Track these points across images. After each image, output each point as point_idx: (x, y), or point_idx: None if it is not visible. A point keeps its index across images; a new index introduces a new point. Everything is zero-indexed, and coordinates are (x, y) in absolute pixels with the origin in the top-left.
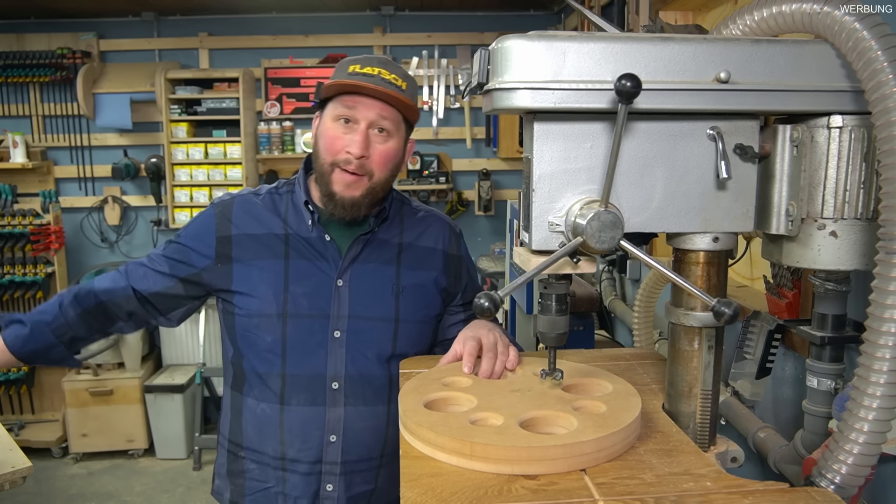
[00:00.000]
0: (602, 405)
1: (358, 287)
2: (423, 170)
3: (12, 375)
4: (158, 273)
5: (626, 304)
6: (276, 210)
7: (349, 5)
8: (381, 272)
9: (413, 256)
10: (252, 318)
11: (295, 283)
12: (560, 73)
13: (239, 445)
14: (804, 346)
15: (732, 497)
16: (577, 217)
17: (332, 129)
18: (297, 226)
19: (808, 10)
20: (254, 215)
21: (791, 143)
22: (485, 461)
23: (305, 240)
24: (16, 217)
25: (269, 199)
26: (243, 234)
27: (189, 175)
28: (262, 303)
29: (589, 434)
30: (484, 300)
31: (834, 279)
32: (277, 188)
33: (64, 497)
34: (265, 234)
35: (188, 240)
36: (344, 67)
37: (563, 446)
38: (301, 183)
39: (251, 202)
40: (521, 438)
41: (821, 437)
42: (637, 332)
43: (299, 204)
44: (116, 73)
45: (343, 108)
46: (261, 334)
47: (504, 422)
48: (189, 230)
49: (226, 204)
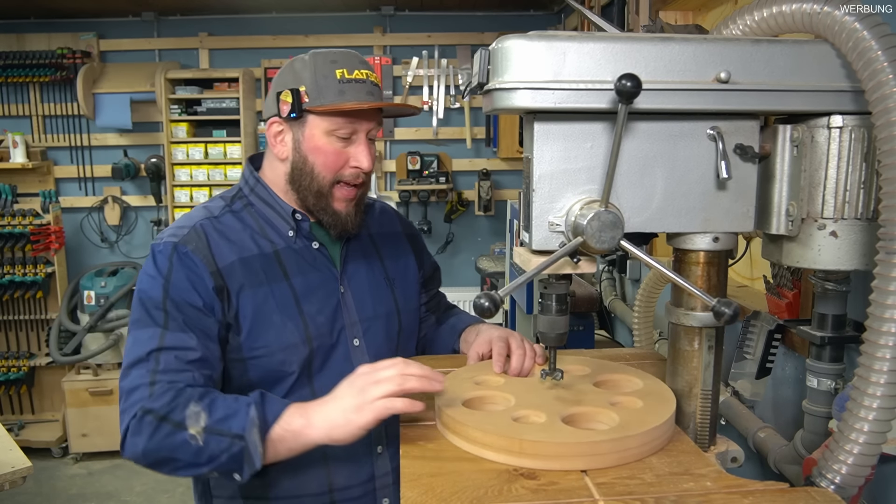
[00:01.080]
0: (638, 400)
1: (357, 289)
2: (423, 170)
3: (12, 375)
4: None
5: (626, 304)
6: (248, 228)
7: (349, 5)
8: (370, 268)
9: (386, 245)
10: (275, 355)
11: (306, 302)
12: (560, 73)
13: (262, 498)
14: (804, 346)
15: (732, 497)
16: (578, 217)
17: (328, 144)
18: (279, 240)
19: (808, 10)
20: (232, 239)
21: (791, 143)
22: (534, 458)
23: (295, 253)
24: (16, 217)
25: (233, 219)
26: (231, 262)
27: (189, 175)
28: (281, 333)
29: (634, 428)
30: (484, 300)
31: (834, 279)
32: (230, 205)
33: (64, 497)
34: (254, 255)
35: (186, 295)
36: (329, 71)
37: (612, 441)
38: (269, 193)
39: (221, 225)
40: (568, 434)
41: (821, 437)
42: (637, 332)
43: (271, 217)
44: (116, 73)
45: (346, 125)
46: (286, 368)
47: (547, 419)
48: (178, 285)
49: (193, 237)
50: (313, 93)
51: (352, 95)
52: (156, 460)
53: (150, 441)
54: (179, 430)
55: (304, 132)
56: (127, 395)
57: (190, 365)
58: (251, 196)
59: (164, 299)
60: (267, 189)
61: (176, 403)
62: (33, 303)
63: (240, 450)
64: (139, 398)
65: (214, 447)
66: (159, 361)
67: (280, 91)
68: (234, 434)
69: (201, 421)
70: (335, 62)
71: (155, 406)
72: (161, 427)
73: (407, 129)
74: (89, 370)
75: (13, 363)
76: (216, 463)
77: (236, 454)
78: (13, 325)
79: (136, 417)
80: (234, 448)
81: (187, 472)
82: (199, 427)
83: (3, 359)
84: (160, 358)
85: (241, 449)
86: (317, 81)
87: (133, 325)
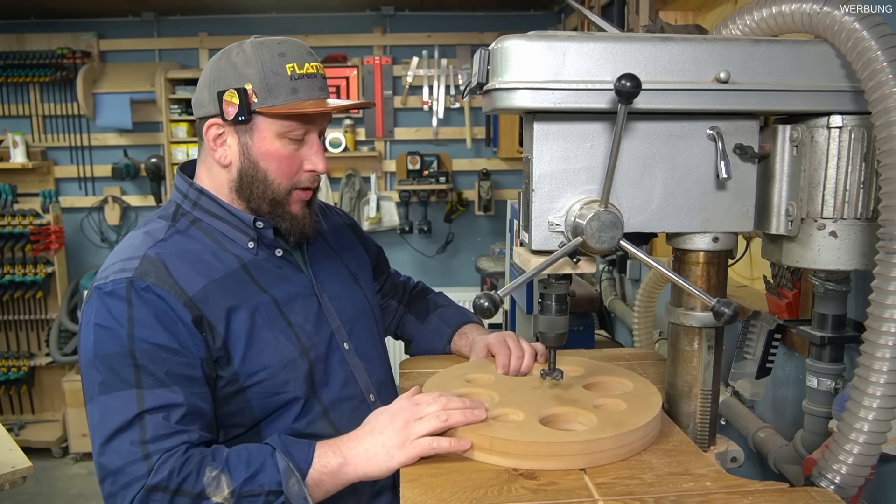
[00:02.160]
0: (623, 403)
1: (331, 291)
2: (423, 170)
3: (12, 375)
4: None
5: (626, 304)
6: (204, 247)
7: (349, 5)
8: (335, 268)
9: (339, 241)
10: (277, 376)
11: (290, 312)
12: (560, 73)
13: None
14: (804, 346)
15: (732, 497)
16: (577, 217)
17: (281, 147)
18: (242, 252)
19: (808, 10)
20: (194, 260)
21: (791, 143)
22: (504, 456)
23: (261, 264)
24: (16, 217)
25: (183, 240)
26: (203, 286)
27: None
28: (277, 349)
29: (608, 431)
30: (484, 300)
31: (834, 279)
32: (173, 224)
33: (64, 497)
34: (225, 275)
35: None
36: (278, 67)
37: (582, 443)
38: (218, 204)
39: (174, 249)
40: (540, 434)
41: (821, 437)
42: (637, 332)
43: (225, 230)
44: (116, 73)
45: (299, 126)
46: (290, 388)
47: (525, 418)
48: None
49: (149, 268)
50: (262, 92)
51: (305, 94)
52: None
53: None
54: (200, 500)
55: (252, 136)
56: (115, 477)
57: (180, 424)
58: (195, 211)
59: (130, 352)
60: (214, 199)
61: (186, 472)
62: (33, 303)
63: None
64: (134, 477)
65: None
66: (145, 429)
67: (222, 90)
68: (269, 491)
69: (224, 486)
70: (283, 55)
71: (160, 481)
72: (176, 502)
73: (407, 129)
74: None
75: (13, 363)
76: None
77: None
78: (13, 325)
79: (136, 501)
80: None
81: None
82: (224, 493)
83: (3, 359)
84: (145, 424)
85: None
86: (265, 79)
87: (93, 388)
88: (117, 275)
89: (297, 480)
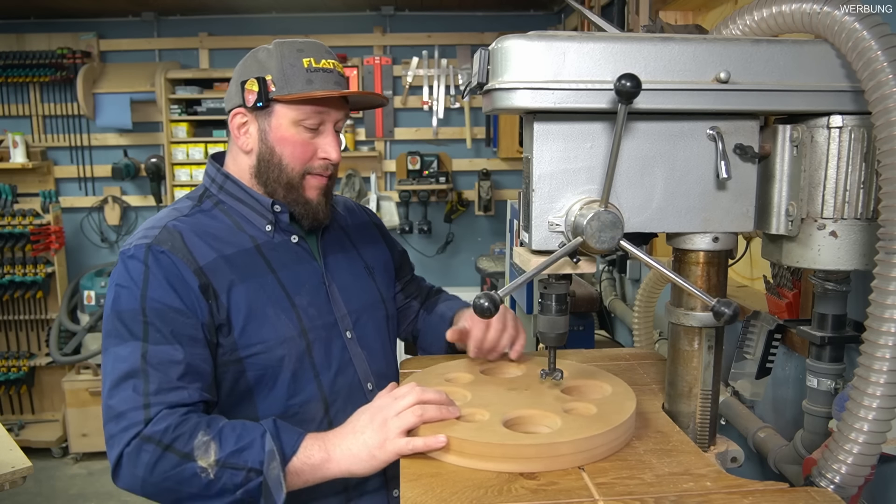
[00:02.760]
0: (594, 408)
1: (341, 281)
2: (423, 170)
3: (12, 375)
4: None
5: (626, 304)
6: (223, 226)
7: (349, 5)
8: (350, 259)
9: (360, 235)
10: (274, 350)
11: (296, 295)
12: (560, 73)
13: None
14: (804, 346)
15: (732, 497)
16: (577, 217)
17: (296, 134)
18: (258, 234)
19: (808, 10)
20: (208, 237)
21: (791, 143)
22: (460, 455)
23: (276, 247)
24: (16, 217)
25: (205, 218)
26: (213, 259)
27: (189, 175)
28: (277, 326)
29: (566, 436)
30: (484, 300)
31: (834, 279)
32: (198, 204)
33: (64, 497)
34: (236, 252)
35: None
36: (296, 60)
37: (537, 446)
38: (241, 188)
39: (192, 224)
40: (497, 436)
41: (821, 437)
42: (637, 332)
43: (245, 213)
44: (116, 73)
45: (314, 115)
46: (285, 365)
47: (489, 418)
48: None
49: (167, 237)
50: (280, 81)
51: (320, 85)
52: (158, 492)
53: (152, 472)
54: (187, 461)
55: (270, 122)
56: (117, 419)
57: (181, 381)
58: (220, 194)
59: (141, 309)
60: (238, 184)
61: (180, 432)
62: (33, 303)
63: (257, 485)
64: (133, 422)
65: (228, 481)
66: (149, 380)
67: (244, 80)
68: (251, 468)
69: (212, 453)
70: (302, 51)
71: (154, 433)
72: (164, 457)
73: (407, 129)
74: (89, 370)
75: (13, 363)
76: (229, 498)
77: (252, 489)
78: (13, 325)
79: (131, 445)
80: (251, 483)
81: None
82: (209, 460)
83: (3, 359)
84: (149, 376)
85: (259, 485)
86: (283, 70)
87: (109, 340)
88: (139, 241)
89: (277, 465)
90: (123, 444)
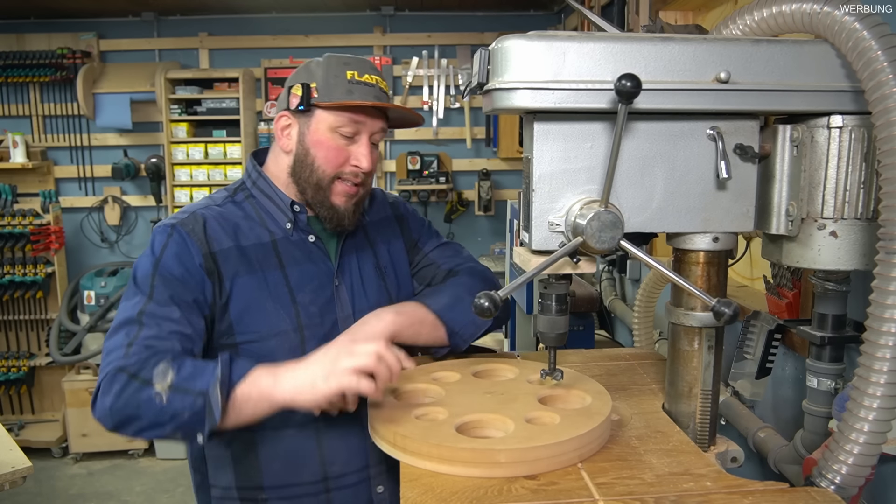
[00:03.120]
0: (558, 417)
1: (351, 282)
2: (423, 170)
3: (12, 375)
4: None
5: (626, 304)
6: (248, 218)
7: (349, 5)
8: (363, 260)
9: (378, 233)
10: (266, 341)
11: (300, 292)
12: (560, 73)
13: (258, 489)
14: (804, 346)
15: (732, 497)
16: (577, 217)
17: (331, 139)
18: (277, 230)
19: (808, 10)
20: (231, 226)
21: (791, 143)
22: (403, 451)
23: (292, 244)
24: (16, 217)
25: (234, 208)
26: (228, 248)
27: (189, 175)
28: (273, 320)
29: (508, 444)
30: (484, 300)
31: (834, 279)
32: (232, 196)
33: (64, 497)
34: (252, 244)
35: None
36: (340, 72)
37: (474, 451)
38: (269, 185)
39: (220, 213)
40: (437, 437)
41: (821, 437)
42: (637, 332)
43: (270, 208)
44: (116, 73)
45: (350, 123)
46: (277, 357)
47: (443, 419)
48: (167, 261)
49: (191, 221)
50: (323, 89)
51: (359, 96)
52: (121, 419)
53: (118, 399)
54: (146, 386)
55: (309, 125)
56: (106, 356)
57: (171, 335)
58: (253, 189)
59: (153, 274)
60: (268, 182)
61: (147, 363)
62: (33, 303)
63: (202, 406)
64: (115, 357)
65: (178, 405)
66: (142, 325)
67: (292, 85)
68: (198, 391)
69: (168, 378)
70: (347, 64)
71: (127, 364)
72: (130, 384)
73: (407, 128)
74: (89, 370)
75: (13, 363)
76: (178, 421)
77: (198, 411)
78: (13, 325)
79: (108, 376)
80: (197, 405)
81: (150, 433)
82: (164, 384)
83: (3, 359)
84: (143, 322)
85: (203, 405)
86: (327, 79)
87: (123, 297)
88: (169, 221)
89: (219, 386)
90: (102, 376)
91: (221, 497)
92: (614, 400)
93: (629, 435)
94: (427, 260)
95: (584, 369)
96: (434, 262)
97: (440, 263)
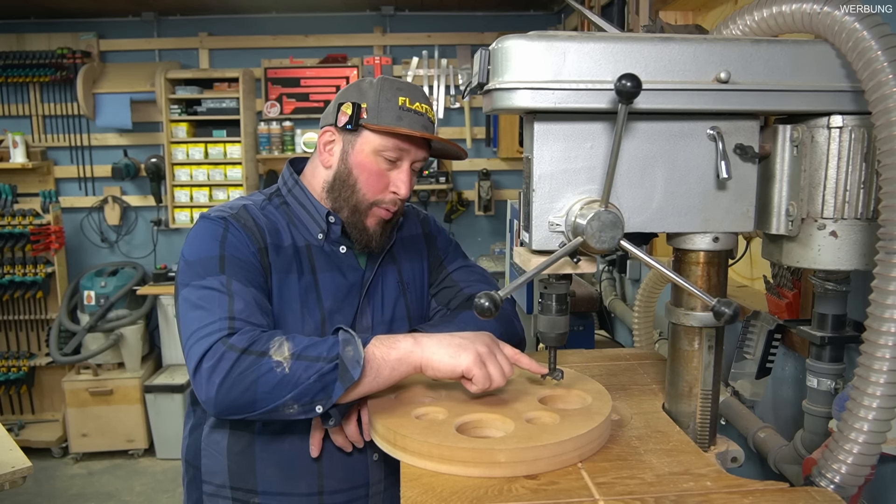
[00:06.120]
0: (557, 417)
1: (375, 296)
2: (423, 170)
3: (12, 375)
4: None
5: (626, 304)
6: (284, 221)
7: (349, 5)
8: (388, 275)
9: (405, 250)
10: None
11: (328, 299)
12: (560, 73)
13: (251, 491)
14: (804, 346)
15: (732, 497)
16: (578, 217)
17: (374, 163)
18: (309, 237)
19: (808, 10)
20: (272, 225)
21: (791, 143)
22: (403, 451)
23: (325, 253)
24: (16, 217)
25: (272, 211)
26: (272, 244)
27: (189, 175)
28: (300, 322)
29: (508, 444)
30: (484, 300)
31: (834, 279)
32: (269, 200)
33: (64, 497)
34: (289, 245)
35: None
36: (392, 96)
37: (473, 450)
38: (305, 194)
39: (263, 212)
40: (436, 436)
41: (821, 437)
42: (637, 332)
43: (303, 217)
44: (116, 73)
45: (396, 149)
46: None
47: (443, 419)
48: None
49: (243, 214)
50: (373, 111)
51: (408, 123)
52: (234, 397)
53: (229, 374)
54: (262, 357)
55: (354, 145)
56: (199, 331)
57: (260, 311)
58: (288, 196)
59: (220, 255)
60: (305, 191)
61: (257, 339)
62: (33, 303)
63: (332, 368)
64: (217, 329)
65: (301, 373)
66: (234, 301)
67: (342, 102)
68: (325, 357)
69: (286, 349)
70: (400, 90)
71: (237, 341)
72: (242, 359)
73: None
74: (89, 370)
75: (13, 363)
76: (301, 388)
77: (326, 374)
78: (13, 325)
79: (212, 350)
80: (325, 369)
81: (265, 407)
82: (284, 354)
83: (3, 359)
84: (234, 298)
85: (334, 367)
86: (379, 102)
87: (187, 279)
88: (220, 212)
89: (354, 347)
90: (203, 349)
91: (213, 494)
92: (614, 400)
93: (629, 435)
94: (449, 280)
95: (584, 369)
96: (455, 285)
97: (462, 287)
